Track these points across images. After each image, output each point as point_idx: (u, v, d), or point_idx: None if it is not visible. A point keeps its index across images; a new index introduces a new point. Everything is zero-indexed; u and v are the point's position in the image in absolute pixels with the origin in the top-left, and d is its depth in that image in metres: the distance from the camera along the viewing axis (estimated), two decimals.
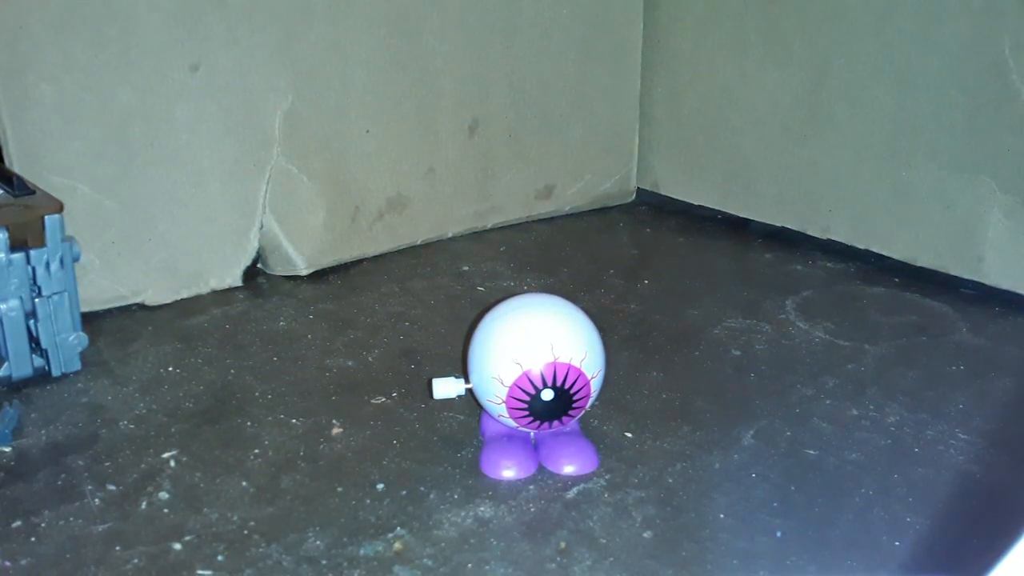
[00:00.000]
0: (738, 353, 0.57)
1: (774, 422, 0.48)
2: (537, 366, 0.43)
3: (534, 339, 0.43)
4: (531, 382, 0.43)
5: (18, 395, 0.50)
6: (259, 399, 0.51)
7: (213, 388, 0.52)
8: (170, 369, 0.54)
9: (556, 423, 0.44)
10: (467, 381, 0.45)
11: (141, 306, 0.62)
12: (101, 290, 0.60)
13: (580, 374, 0.43)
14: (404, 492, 0.43)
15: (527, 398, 0.43)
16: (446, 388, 0.45)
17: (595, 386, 0.44)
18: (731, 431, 0.45)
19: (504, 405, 0.43)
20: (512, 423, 0.44)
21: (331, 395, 0.51)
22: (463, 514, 0.41)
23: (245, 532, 0.40)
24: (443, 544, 0.39)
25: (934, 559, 0.39)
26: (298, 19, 0.63)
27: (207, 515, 0.41)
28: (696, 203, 0.84)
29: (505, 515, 0.41)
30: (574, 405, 0.44)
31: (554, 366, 0.42)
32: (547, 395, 0.43)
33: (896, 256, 0.72)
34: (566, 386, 0.43)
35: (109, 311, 0.61)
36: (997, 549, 0.17)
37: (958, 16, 0.65)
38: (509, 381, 0.43)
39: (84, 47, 0.56)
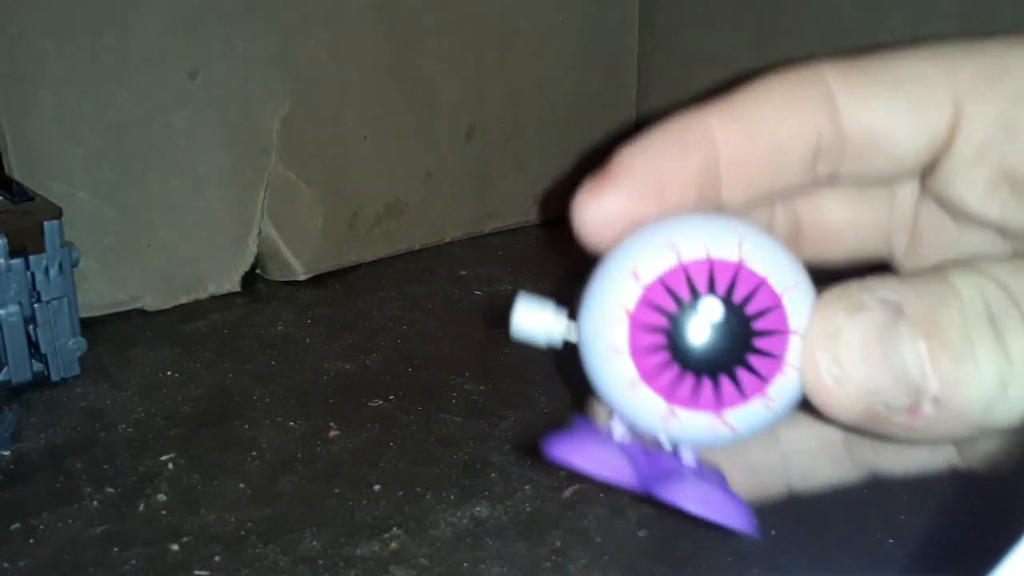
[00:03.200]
0: None
1: None
2: (704, 256, 0.20)
3: (712, 227, 0.21)
4: (688, 281, 0.20)
5: (17, 399, 0.51)
6: (257, 403, 0.51)
7: (211, 392, 0.52)
8: (168, 374, 0.54)
9: (706, 389, 0.20)
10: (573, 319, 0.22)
11: (140, 311, 0.62)
12: (100, 296, 0.60)
13: (769, 291, 0.20)
14: (400, 493, 0.43)
15: (673, 308, 0.20)
16: (533, 319, 0.22)
17: (790, 334, 0.20)
18: None
19: (628, 320, 0.20)
20: (627, 372, 0.20)
21: (328, 398, 0.52)
22: (459, 514, 0.41)
23: (242, 533, 0.40)
24: (439, 544, 0.39)
25: (929, 557, 0.39)
26: (296, 26, 0.64)
27: (204, 516, 0.41)
28: None
29: (501, 515, 0.41)
30: (753, 346, 0.20)
31: (736, 269, 0.20)
32: (710, 311, 0.20)
33: None
34: (743, 304, 0.20)
35: (108, 317, 0.61)
36: (992, 547, 0.17)
37: (949, 18, 0.66)
38: (651, 274, 0.20)
39: (83, 54, 0.56)
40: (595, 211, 0.23)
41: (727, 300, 0.20)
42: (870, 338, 0.19)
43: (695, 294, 0.20)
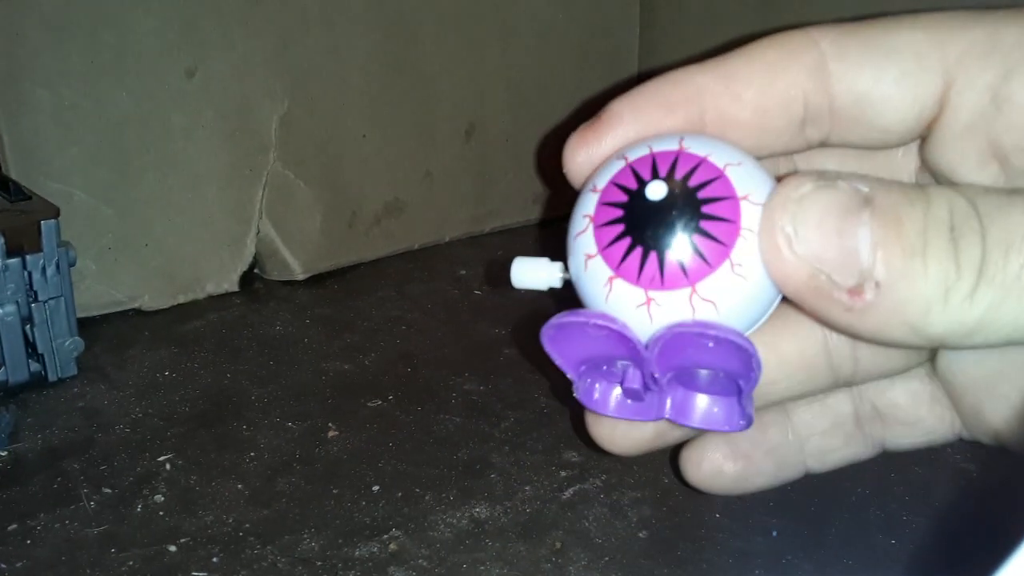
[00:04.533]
0: None
1: None
2: (647, 152, 0.22)
3: (658, 136, 0.23)
4: (635, 173, 0.22)
5: (14, 400, 0.51)
6: (255, 403, 0.51)
7: (209, 392, 0.52)
8: (166, 374, 0.54)
9: (671, 265, 0.20)
10: (567, 269, 0.23)
11: (138, 311, 0.62)
12: (98, 296, 0.60)
13: (711, 167, 0.21)
14: (399, 494, 0.43)
15: (624, 199, 0.21)
16: (532, 273, 0.24)
17: (740, 200, 0.20)
18: None
19: (591, 225, 0.22)
20: (602, 271, 0.21)
21: (327, 398, 0.51)
22: (458, 515, 0.41)
23: (240, 534, 0.40)
24: (438, 545, 0.39)
25: (931, 558, 0.39)
26: (294, 24, 0.63)
27: (202, 517, 0.41)
28: None
29: (500, 516, 0.41)
30: (702, 213, 0.20)
31: (676, 155, 0.21)
32: (655, 191, 0.21)
33: None
34: (685, 179, 0.21)
35: (106, 316, 0.61)
36: (993, 547, 0.17)
37: None
38: (604, 181, 0.22)
39: (81, 53, 0.56)
40: (583, 157, 0.24)
41: (669, 178, 0.21)
42: (831, 211, 0.19)
43: (641, 182, 0.21)
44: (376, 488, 0.43)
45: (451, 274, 0.69)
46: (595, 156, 0.24)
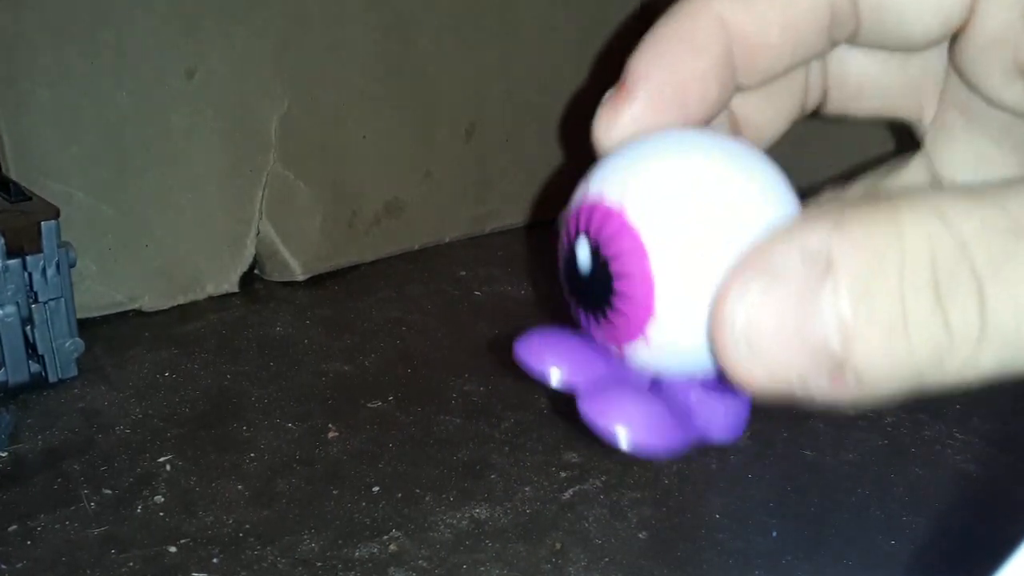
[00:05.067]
0: None
1: (770, 423, 0.48)
2: (585, 198, 0.20)
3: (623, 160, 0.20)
4: (567, 233, 0.21)
5: (14, 401, 0.51)
6: (255, 404, 0.51)
7: (209, 393, 0.52)
8: (166, 375, 0.54)
9: (600, 322, 0.20)
10: None
11: (138, 312, 0.62)
12: (98, 296, 0.60)
13: (625, 227, 0.18)
14: (399, 494, 0.43)
15: (566, 252, 0.20)
16: None
17: (660, 264, 0.18)
18: None
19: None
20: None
21: (327, 399, 0.51)
22: (458, 516, 0.41)
23: (240, 535, 0.40)
24: (438, 546, 0.39)
25: (931, 557, 0.39)
26: (294, 24, 0.63)
27: (202, 518, 0.41)
28: None
29: (500, 517, 0.41)
30: (614, 289, 0.19)
31: (593, 208, 0.19)
32: (582, 259, 0.20)
33: None
34: (603, 245, 0.19)
35: (106, 317, 0.61)
36: (994, 547, 0.17)
37: None
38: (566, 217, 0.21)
39: (80, 53, 0.56)
40: (617, 133, 0.22)
41: (593, 248, 0.20)
42: (787, 312, 0.16)
43: (571, 245, 0.20)
44: (376, 489, 0.43)
45: (451, 275, 0.69)
46: (627, 129, 0.21)
